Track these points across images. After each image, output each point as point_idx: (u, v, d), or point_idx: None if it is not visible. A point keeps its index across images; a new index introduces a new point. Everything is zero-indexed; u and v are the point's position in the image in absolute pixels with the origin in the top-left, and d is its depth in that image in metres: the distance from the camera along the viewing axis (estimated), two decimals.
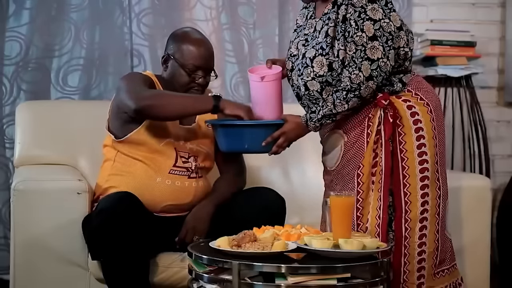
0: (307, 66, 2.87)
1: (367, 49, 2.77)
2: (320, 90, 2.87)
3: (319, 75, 2.85)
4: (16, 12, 3.99)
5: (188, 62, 3.11)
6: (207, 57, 3.15)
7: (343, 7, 2.83)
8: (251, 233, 2.60)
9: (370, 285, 2.53)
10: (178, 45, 3.14)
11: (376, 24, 2.78)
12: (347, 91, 2.79)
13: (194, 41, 3.15)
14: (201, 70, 3.13)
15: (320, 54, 2.85)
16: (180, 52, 3.13)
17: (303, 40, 2.95)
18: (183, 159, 3.11)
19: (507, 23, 4.48)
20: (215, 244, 2.60)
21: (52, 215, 3.10)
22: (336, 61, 2.82)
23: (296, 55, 2.96)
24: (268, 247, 2.54)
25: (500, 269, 4.25)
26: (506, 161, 4.55)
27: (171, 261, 3.09)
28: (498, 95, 4.57)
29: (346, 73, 2.79)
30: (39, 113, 3.65)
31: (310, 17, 2.99)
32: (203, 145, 3.18)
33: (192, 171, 3.12)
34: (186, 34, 3.19)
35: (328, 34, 2.85)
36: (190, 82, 3.12)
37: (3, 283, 3.81)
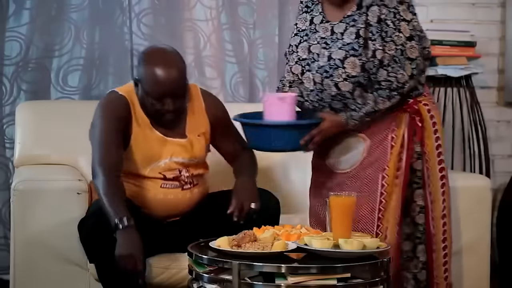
0: (337, 67, 2.90)
1: (407, 49, 2.87)
2: (352, 90, 2.91)
3: (352, 75, 2.89)
4: (16, 12, 3.99)
5: (152, 91, 2.91)
6: (175, 82, 2.91)
7: (375, 8, 2.88)
8: (251, 233, 2.60)
9: (370, 285, 2.53)
10: (144, 70, 2.94)
11: (409, 25, 2.88)
12: (391, 90, 2.87)
13: (162, 65, 2.91)
14: (168, 97, 2.92)
15: (352, 55, 2.89)
16: (145, 78, 2.93)
17: (321, 43, 2.95)
18: (174, 174, 3.03)
19: (507, 23, 4.48)
20: (215, 244, 2.60)
21: (52, 215, 3.10)
22: (371, 61, 2.87)
23: (308, 58, 2.97)
24: (268, 247, 2.54)
25: (500, 269, 4.25)
26: (506, 161, 4.55)
27: (170, 262, 3.09)
28: (498, 95, 4.57)
29: (385, 73, 2.87)
30: (39, 113, 3.65)
31: (321, 22, 2.98)
32: (193, 157, 3.07)
33: (185, 183, 3.05)
34: (153, 56, 2.96)
35: (359, 35, 2.88)
36: (158, 110, 2.95)
37: (3, 283, 3.80)
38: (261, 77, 4.27)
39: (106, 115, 2.99)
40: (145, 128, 3.01)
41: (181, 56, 3.03)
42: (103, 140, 2.94)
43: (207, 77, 4.18)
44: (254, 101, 4.24)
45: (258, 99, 4.25)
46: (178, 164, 3.04)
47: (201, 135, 3.11)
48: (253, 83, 4.26)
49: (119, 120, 2.97)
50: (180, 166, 3.05)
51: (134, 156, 3.00)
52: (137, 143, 3.00)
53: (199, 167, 3.11)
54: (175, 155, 3.04)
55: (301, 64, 3.00)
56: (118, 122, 2.97)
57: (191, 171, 3.07)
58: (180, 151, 3.05)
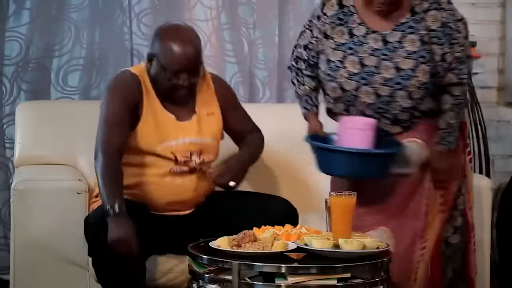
0: (409, 77, 2.87)
1: (466, 47, 2.92)
2: (422, 97, 2.91)
3: (423, 82, 2.89)
4: (16, 12, 3.99)
5: (169, 65, 2.97)
6: (191, 58, 2.98)
7: (434, 12, 2.88)
8: (251, 233, 2.60)
9: (370, 285, 2.53)
10: (161, 45, 2.99)
11: (463, 23, 2.92)
12: (463, 93, 2.95)
13: (178, 41, 2.97)
14: (184, 73, 2.98)
15: (422, 63, 2.87)
16: (162, 52, 2.98)
17: (376, 54, 2.89)
18: (184, 158, 3.05)
19: (507, 23, 4.48)
20: (215, 244, 2.60)
21: (52, 215, 3.10)
22: (440, 65, 2.88)
23: (362, 72, 2.89)
24: (268, 247, 2.54)
25: (500, 269, 4.25)
26: (506, 161, 4.55)
27: (171, 266, 3.09)
28: (498, 95, 4.57)
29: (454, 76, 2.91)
30: (39, 113, 3.65)
31: (367, 33, 2.92)
32: (206, 136, 3.09)
33: (194, 169, 3.06)
34: (169, 31, 3.02)
35: (424, 42, 2.87)
36: (173, 85, 2.99)
37: (3, 283, 3.81)
38: (261, 77, 4.27)
39: (114, 96, 3.02)
40: (156, 109, 3.05)
41: (196, 33, 3.09)
42: (107, 121, 2.98)
43: None
44: (254, 101, 4.24)
45: (258, 99, 4.25)
46: (190, 144, 3.06)
47: (210, 115, 3.13)
48: (253, 83, 4.26)
49: (128, 100, 3.00)
50: (192, 148, 3.06)
51: (145, 134, 3.01)
52: (148, 122, 3.02)
53: (210, 152, 3.11)
54: (186, 135, 3.06)
55: (355, 79, 2.90)
56: (127, 103, 2.99)
57: (203, 157, 3.07)
58: (190, 131, 3.07)
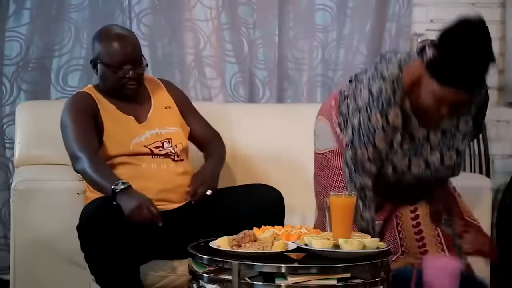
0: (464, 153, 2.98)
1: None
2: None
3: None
4: (16, 12, 3.99)
5: (113, 60, 3.08)
6: (130, 49, 3.11)
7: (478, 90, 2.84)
8: (251, 233, 2.60)
9: (370, 285, 2.53)
10: (99, 45, 3.13)
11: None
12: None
13: (113, 36, 3.11)
14: (128, 64, 3.09)
15: (469, 139, 2.98)
16: (103, 52, 3.11)
17: (438, 150, 2.89)
18: (159, 148, 3.10)
19: (507, 23, 4.48)
20: (215, 244, 2.60)
21: (52, 215, 3.10)
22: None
23: (423, 171, 2.88)
24: (268, 247, 2.54)
25: (500, 269, 4.25)
26: (506, 161, 4.55)
27: (169, 270, 3.09)
28: (498, 95, 4.57)
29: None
30: (39, 113, 3.65)
31: (429, 133, 2.87)
32: (170, 126, 3.17)
33: (173, 155, 3.12)
34: (104, 32, 3.17)
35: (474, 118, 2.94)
36: (120, 79, 3.09)
37: (3, 283, 3.81)
38: (261, 77, 4.27)
39: (73, 111, 3.10)
40: (114, 114, 3.12)
41: (129, 29, 3.25)
42: (76, 132, 3.03)
43: (207, 77, 4.18)
44: (254, 101, 4.24)
45: (258, 99, 4.26)
46: (158, 136, 3.12)
47: (168, 108, 3.21)
48: (253, 83, 4.26)
49: (86, 112, 3.08)
50: (162, 138, 3.12)
51: (113, 140, 3.07)
52: (111, 129, 3.08)
53: (179, 138, 3.16)
54: (151, 129, 3.13)
55: (418, 177, 2.90)
56: (86, 114, 3.07)
57: (173, 143, 3.13)
58: (153, 125, 3.14)
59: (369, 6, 4.33)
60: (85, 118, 3.08)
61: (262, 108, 4.09)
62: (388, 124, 2.78)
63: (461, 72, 2.63)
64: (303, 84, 4.31)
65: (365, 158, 2.83)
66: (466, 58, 2.62)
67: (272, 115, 3.89)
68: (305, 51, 4.31)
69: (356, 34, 4.32)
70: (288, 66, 4.31)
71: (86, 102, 3.13)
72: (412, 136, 2.85)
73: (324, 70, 4.33)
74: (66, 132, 3.08)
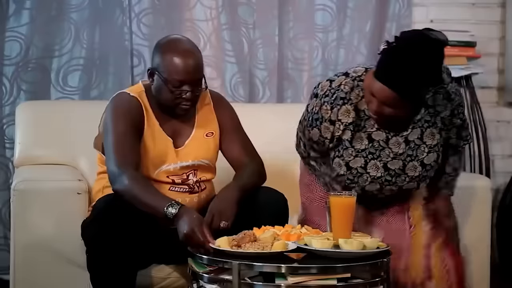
0: (433, 168, 2.93)
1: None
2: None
3: (435, 168, 2.95)
4: (16, 12, 3.99)
5: (172, 77, 2.88)
6: (193, 69, 2.91)
7: (444, 102, 2.88)
8: (251, 233, 2.60)
9: (370, 285, 2.53)
10: (161, 58, 2.91)
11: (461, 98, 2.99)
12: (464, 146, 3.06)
13: (179, 52, 2.90)
14: (187, 85, 2.90)
15: (437, 153, 2.92)
16: (164, 66, 2.90)
17: (402, 158, 2.88)
18: (181, 179, 2.99)
19: (507, 23, 4.48)
20: (215, 244, 2.60)
21: (52, 215, 3.10)
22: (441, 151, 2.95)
23: (384, 176, 2.89)
24: (268, 247, 2.54)
25: (500, 269, 4.25)
26: (506, 161, 4.55)
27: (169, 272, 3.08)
28: (498, 95, 4.57)
29: (464, 137, 3.01)
30: (39, 113, 3.65)
31: (388, 138, 2.87)
32: (202, 158, 3.04)
33: (193, 187, 3.02)
34: (169, 44, 2.95)
35: (442, 132, 2.91)
36: (176, 98, 2.92)
37: (3, 283, 3.81)
38: (261, 77, 4.27)
39: (119, 117, 2.94)
40: (154, 130, 2.99)
41: (196, 45, 3.01)
42: (118, 141, 2.88)
43: (207, 77, 4.14)
44: (254, 101, 4.24)
45: (258, 99, 4.26)
46: (187, 168, 3.01)
47: (209, 135, 3.08)
48: (253, 83, 4.26)
49: (132, 121, 2.93)
50: (188, 170, 3.01)
51: (143, 158, 2.95)
52: (147, 145, 2.97)
53: (206, 171, 3.07)
54: (183, 160, 3.00)
55: (379, 182, 2.90)
56: (132, 123, 2.93)
57: (199, 175, 3.03)
58: (187, 156, 3.01)
59: (369, 6, 4.33)
60: (130, 127, 2.91)
61: (262, 108, 4.09)
62: (336, 118, 2.84)
63: (394, 72, 2.65)
64: (303, 84, 4.31)
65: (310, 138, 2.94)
66: (404, 62, 2.64)
67: (272, 115, 3.89)
68: (305, 51, 4.31)
69: (356, 34, 4.32)
70: (288, 66, 4.31)
71: (133, 110, 2.95)
72: (371, 139, 2.87)
73: (324, 70, 4.33)
74: (107, 139, 2.93)
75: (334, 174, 2.94)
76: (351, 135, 2.86)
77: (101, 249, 2.78)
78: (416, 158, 2.89)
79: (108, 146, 2.90)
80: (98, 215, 2.81)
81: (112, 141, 2.90)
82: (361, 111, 2.85)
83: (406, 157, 2.89)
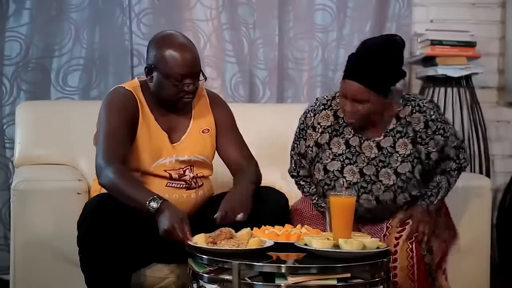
0: (409, 179, 2.99)
1: (458, 134, 3.10)
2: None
3: (417, 179, 3.01)
4: (16, 12, 3.99)
5: (173, 71, 2.89)
6: (192, 62, 2.92)
7: (417, 115, 3.00)
8: (227, 231, 2.63)
9: (370, 285, 2.53)
10: (159, 54, 2.92)
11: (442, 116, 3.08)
12: (459, 171, 3.09)
13: (176, 47, 2.91)
14: (189, 78, 2.92)
15: (419, 163, 3.00)
16: (163, 61, 2.91)
17: (374, 164, 3.00)
18: (178, 175, 3.00)
19: (507, 23, 4.48)
20: (192, 241, 2.61)
21: (52, 215, 3.10)
22: (426, 163, 3.01)
23: (360, 182, 3.00)
24: (244, 244, 2.56)
25: (500, 269, 4.25)
26: (506, 161, 4.55)
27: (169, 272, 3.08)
28: (498, 95, 4.57)
29: (451, 162, 3.06)
30: (39, 113, 3.65)
31: (361, 142, 3.02)
32: (198, 154, 3.05)
33: (190, 183, 3.02)
34: (165, 40, 2.95)
35: (415, 143, 3.00)
36: (179, 92, 2.93)
37: (3, 283, 3.81)
38: (261, 77, 4.27)
39: (112, 110, 2.96)
40: (149, 124, 3.00)
41: (190, 39, 3.02)
42: (109, 134, 2.91)
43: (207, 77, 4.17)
44: (254, 101, 4.24)
45: (258, 99, 4.26)
46: (184, 162, 3.02)
47: (205, 132, 3.09)
48: (253, 83, 4.26)
49: (126, 114, 2.95)
50: (185, 165, 3.02)
51: (139, 152, 2.97)
52: (143, 139, 2.98)
53: (203, 167, 3.08)
54: (179, 154, 3.02)
55: (355, 188, 3.00)
56: (126, 117, 2.94)
57: (195, 171, 3.04)
58: (183, 151, 3.03)
59: (369, 6, 4.33)
60: (122, 120, 2.93)
61: (262, 108, 4.10)
62: (317, 123, 3.07)
63: (356, 67, 2.91)
64: (303, 84, 4.32)
65: (299, 153, 3.14)
66: (364, 57, 2.91)
67: (272, 115, 3.89)
68: (305, 51, 4.31)
69: (356, 34, 4.33)
70: (288, 66, 4.31)
71: (128, 104, 2.97)
72: (348, 144, 3.03)
73: (324, 70, 4.33)
74: (99, 131, 2.95)
75: (316, 182, 3.08)
76: (328, 137, 3.05)
77: (92, 248, 2.76)
78: (389, 165, 2.99)
79: (99, 139, 2.93)
80: (89, 214, 2.79)
81: (104, 134, 2.92)
82: (340, 118, 3.06)
83: (379, 162, 3.00)
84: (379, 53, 2.89)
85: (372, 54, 2.89)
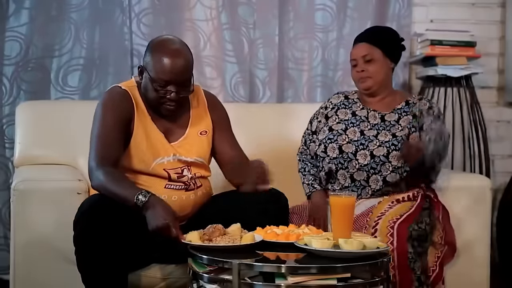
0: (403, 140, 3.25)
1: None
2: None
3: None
4: (16, 12, 3.99)
5: (158, 77, 2.89)
6: (179, 70, 2.90)
7: (424, 101, 3.37)
8: (220, 227, 2.65)
9: (370, 285, 2.53)
10: (151, 57, 2.93)
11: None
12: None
13: (167, 52, 2.91)
14: (173, 85, 2.91)
15: (414, 131, 3.29)
16: (151, 64, 2.91)
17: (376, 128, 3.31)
18: (177, 175, 3.00)
19: (507, 23, 4.48)
20: (186, 239, 2.62)
21: (52, 215, 3.10)
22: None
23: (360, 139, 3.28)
24: (238, 240, 2.60)
25: (500, 269, 4.25)
26: (506, 161, 4.55)
27: (168, 272, 3.08)
28: (498, 95, 4.57)
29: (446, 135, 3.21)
30: (39, 113, 3.65)
31: (368, 113, 3.38)
32: (196, 156, 3.05)
33: (189, 184, 3.02)
34: (160, 44, 2.96)
35: (411, 123, 3.32)
36: (161, 98, 2.93)
37: (3, 283, 3.81)
38: (261, 77, 4.27)
39: (107, 110, 2.98)
40: (146, 124, 3.00)
41: (189, 48, 3.01)
42: (101, 135, 2.93)
43: (207, 77, 4.18)
44: (254, 101, 4.24)
45: (258, 99, 4.26)
46: (181, 162, 3.02)
47: (203, 134, 3.09)
48: (253, 83, 4.26)
49: (120, 114, 2.96)
50: (183, 165, 3.02)
51: (137, 152, 2.98)
52: (140, 138, 2.98)
53: (201, 168, 3.08)
54: (177, 153, 3.02)
55: (355, 145, 3.27)
56: (120, 117, 2.95)
57: (193, 171, 3.04)
58: (180, 151, 3.03)
59: (369, 6, 4.33)
60: (116, 120, 2.94)
61: (262, 108, 4.10)
62: (329, 102, 3.49)
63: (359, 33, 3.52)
64: (303, 84, 4.32)
65: (311, 132, 3.48)
66: (368, 28, 3.62)
67: (272, 115, 3.89)
68: (305, 51, 4.31)
69: (356, 34, 4.31)
70: (288, 66, 4.31)
71: (123, 103, 2.98)
72: (354, 113, 3.39)
73: (324, 70, 4.33)
74: (92, 131, 2.97)
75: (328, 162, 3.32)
76: (336, 111, 3.43)
77: (87, 247, 2.75)
78: (389, 130, 3.28)
79: (92, 139, 2.95)
80: (84, 213, 2.79)
81: (96, 134, 2.94)
82: (350, 99, 3.47)
83: (380, 128, 3.30)
84: (383, 27, 3.68)
85: (377, 27, 3.71)
